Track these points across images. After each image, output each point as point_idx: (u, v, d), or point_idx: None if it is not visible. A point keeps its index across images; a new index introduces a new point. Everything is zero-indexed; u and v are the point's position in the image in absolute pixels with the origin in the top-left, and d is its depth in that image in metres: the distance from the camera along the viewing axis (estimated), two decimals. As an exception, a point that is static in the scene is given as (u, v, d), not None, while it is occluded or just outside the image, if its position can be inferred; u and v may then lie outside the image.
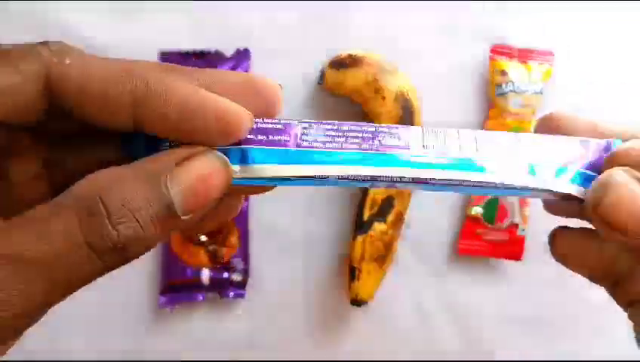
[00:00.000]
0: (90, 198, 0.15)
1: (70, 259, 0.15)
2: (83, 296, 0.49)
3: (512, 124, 0.47)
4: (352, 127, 0.21)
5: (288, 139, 0.20)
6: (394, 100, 0.44)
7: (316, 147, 0.20)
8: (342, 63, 0.45)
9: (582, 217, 0.22)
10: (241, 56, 0.47)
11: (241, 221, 0.47)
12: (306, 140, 0.20)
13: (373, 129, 0.21)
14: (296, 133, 0.20)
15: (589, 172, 0.20)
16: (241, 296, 0.47)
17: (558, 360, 0.49)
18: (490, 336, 0.49)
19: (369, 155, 0.20)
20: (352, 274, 0.45)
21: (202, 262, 0.47)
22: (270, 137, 0.20)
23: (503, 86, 0.47)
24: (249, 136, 0.19)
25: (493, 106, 0.48)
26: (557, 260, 0.22)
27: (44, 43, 0.17)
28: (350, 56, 0.45)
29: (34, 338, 0.47)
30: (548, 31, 0.49)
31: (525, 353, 0.49)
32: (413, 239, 0.48)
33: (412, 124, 0.45)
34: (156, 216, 0.16)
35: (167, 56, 0.45)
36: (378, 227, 0.45)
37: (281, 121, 0.20)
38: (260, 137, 0.19)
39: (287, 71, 0.47)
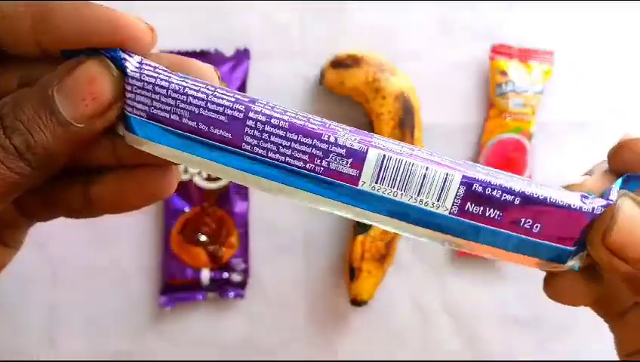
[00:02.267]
0: None
1: None
2: (83, 296, 0.49)
3: (512, 124, 0.47)
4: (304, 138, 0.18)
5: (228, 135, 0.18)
6: (394, 100, 0.44)
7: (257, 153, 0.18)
8: (342, 63, 0.45)
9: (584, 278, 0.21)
10: (241, 56, 0.47)
11: (241, 221, 0.47)
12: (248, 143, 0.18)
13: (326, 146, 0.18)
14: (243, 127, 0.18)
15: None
16: (241, 296, 0.47)
17: (557, 360, 0.49)
18: (490, 336, 0.49)
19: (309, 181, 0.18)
20: (352, 274, 0.45)
21: (202, 262, 0.47)
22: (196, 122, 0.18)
23: (503, 86, 0.47)
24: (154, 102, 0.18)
25: (493, 106, 0.48)
26: (555, 300, 0.22)
27: None
28: (350, 56, 0.45)
29: (34, 339, 0.47)
30: (548, 31, 0.49)
31: (525, 353, 0.49)
32: (413, 239, 0.48)
33: (412, 124, 0.45)
34: (44, 123, 0.17)
35: (167, 56, 0.45)
36: (378, 227, 0.45)
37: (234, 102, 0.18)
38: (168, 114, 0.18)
39: (287, 71, 0.47)
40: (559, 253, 0.18)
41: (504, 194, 0.17)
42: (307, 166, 0.18)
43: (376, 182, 0.18)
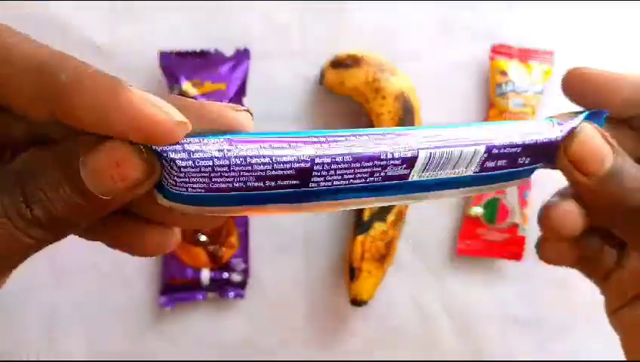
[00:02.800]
0: (11, 183, 0.17)
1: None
2: (83, 296, 0.49)
3: (512, 124, 0.47)
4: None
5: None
6: (394, 100, 0.44)
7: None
8: (342, 63, 0.45)
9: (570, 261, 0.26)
10: (241, 56, 0.47)
11: (241, 221, 0.47)
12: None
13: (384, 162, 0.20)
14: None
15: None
16: (241, 296, 0.47)
17: (557, 360, 0.49)
18: (490, 336, 0.49)
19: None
20: (352, 274, 0.45)
21: (202, 262, 0.47)
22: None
23: (503, 86, 0.47)
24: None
25: (493, 106, 0.48)
26: (545, 262, 0.26)
27: None
28: (350, 56, 0.45)
29: (34, 339, 0.47)
30: (548, 31, 0.49)
31: (525, 353, 0.49)
32: (413, 239, 0.48)
33: (412, 124, 0.45)
34: (67, 195, 0.17)
35: (167, 56, 0.45)
36: (378, 227, 0.45)
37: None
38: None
39: (287, 71, 0.47)
40: (534, 169, 0.23)
41: (510, 149, 0.22)
42: (367, 180, 0.20)
43: (423, 172, 0.21)
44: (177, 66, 0.45)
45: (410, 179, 0.21)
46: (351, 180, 0.20)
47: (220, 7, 0.47)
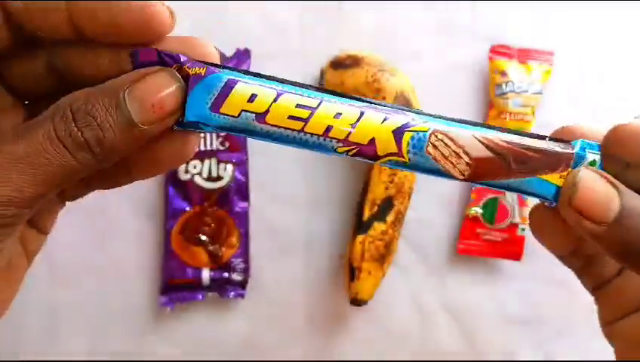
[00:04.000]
0: (63, 107, 0.19)
1: (49, 154, 0.19)
2: (83, 296, 0.49)
3: (512, 124, 0.47)
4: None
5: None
6: (394, 100, 0.44)
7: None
8: (342, 63, 0.45)
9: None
10: (241, 56, 0.47)
11: (241, 221, 0.47)
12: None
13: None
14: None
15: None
16: (241, 296, 0.47)
17: (557, 360, 0.49)
18: (490, 336, 0.49)
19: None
20: (352, 274, 0.45)
21: (202, 261, 0.47)
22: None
23: (503, 86, 0.47)
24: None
25: (493, 106, 0.48)
26: (535, 237, 0.25)
27: None
28: (350, 56, 0.45)
29: (34, 339, 0.47)
30: (548, 31, 0.49)
31: (524, 353, 0.49)
32: (413, 239, 0.48)
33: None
34: (114, 121, 0.19)
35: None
36: (378, 227, 0.45)
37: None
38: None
39: (287, 71, 0.47)
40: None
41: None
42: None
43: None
44: (177, 66, 0.45)
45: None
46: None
47: (220, 7, 0.47)
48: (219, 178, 0.47)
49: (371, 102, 0.22)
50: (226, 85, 0.21)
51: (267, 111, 0.21)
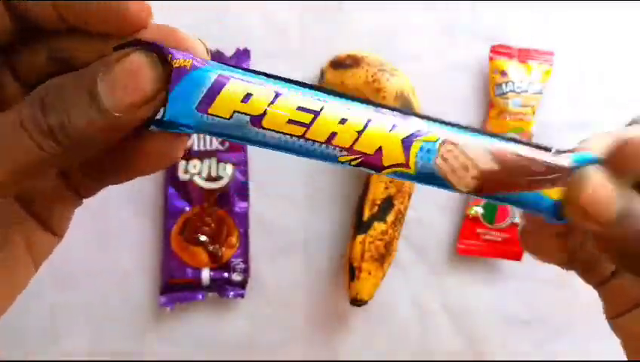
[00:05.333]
0: (38, 91, 0.18)
1: (12, 140, 0.18)
2: (83, 296, 0.49)
3: (512, 124, 0.47)
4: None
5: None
6: (394, 100, 0.44)
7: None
8: (342, 63, 0.45)
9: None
10: (241, 56, 0.47)
11: (241, 221, 0.47)
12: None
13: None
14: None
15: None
16: (241, 295, 0.47)
17: (557, 360, 0.49)
18: (490, 336, 0.49)
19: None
20: (352, 274, 0.45)
21: (202, 261, 0.47)
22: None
23: (503, 86, 0.47)
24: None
25: (493, 106, 0.48)
26: (530, 255, 0.24)
27: None
28: (350, 56, 0.45)
29: (35, 338, 0.47)
30: (548, 31, 0.49)
31: (524, 353, 0.49)
32: (413, 239, 0.48)
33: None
34: (82, 107, 0.18)
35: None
36: (378, 227, 0.45)
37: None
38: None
39: (287, 71, 0.47)
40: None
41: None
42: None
43: None
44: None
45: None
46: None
47: (220, 7, 0.47)
48: (219, 178, 0.47)
49: (377, 106, 0.20)
50: (216, 82, 0.18)
51: (264, 113, 0.18)
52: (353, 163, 0.19)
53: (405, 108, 0.44)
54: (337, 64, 0.45)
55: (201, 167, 0.47)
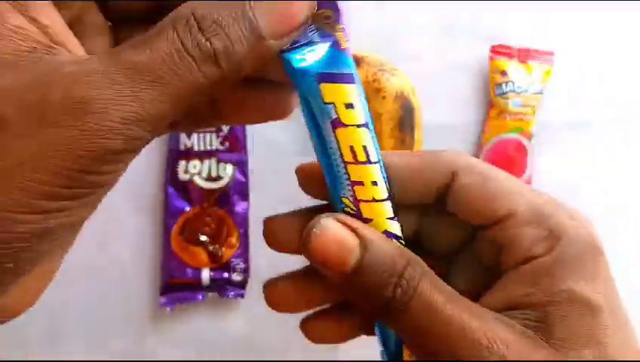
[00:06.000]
0: (185, 15, 0.17)
1: (174, 65, 0.16)
2: (83, 296, 0.49)
3: (512, 124, 0.47)
4: None
5: None
6: (394, 100, 0.44)
7: None
8: (342, 63, 0.45)
9: None
10: (241, 56, 0.47)
11: (241, 221, 0.47)
12: None
13: None
14: None
15: None
16: (241, 295, 0.47)
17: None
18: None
19: None
20: (352, 274, 0.45)
21: (202, 261, 0.47)
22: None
23: (503, 86, 0.47)
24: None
25: (493, 106, 0.48)
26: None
27: None
28: (350, 56, 0.45)
29: (34, 339, 0.47)
30: (548, 31, 0.49)
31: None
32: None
33: (412, 124, 0.45)
34: (243, 33, 0.17)
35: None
36: (378, 227, 0.45)
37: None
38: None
39: (287, 71, 0.47)
40: None
41: None
42: None
43: None
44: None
45: None
46: None
47: (220, 7, 0.47)
48: (219, 178, 0.47)
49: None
50: (347, 75, 0.20)
51: (344, 126, 0.19)
52: (345, 209, 0.20)
53: (405, 108, 0.45)
54: (337, 64, 0.45)
55: (201, 167, 0.47)
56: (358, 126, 0.19)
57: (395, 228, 0.20)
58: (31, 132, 0.15)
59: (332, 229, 0.20)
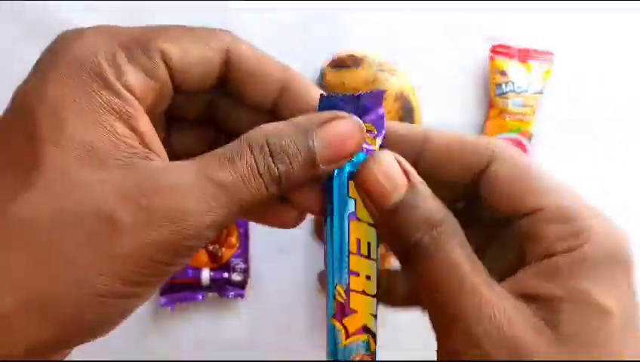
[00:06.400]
0: (260, 141, 0.20)
1: (250, 185, 0.19)
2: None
3: (512, 124, 0.47)
4: None
5: None
6: (394, 100, 0.44)
7: None
8: (342, 63, 0.45)
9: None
10: (241, 56, 0.47)
11: (241, 221, 0.47)
12: None
13: None
14: None
15: None
16: (241, 296, 0.47)
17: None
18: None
19: None
20: (352, 274, 0.45)
21: (202, 261, 0.47)
22: None
23: (503, 86, 0.47)
24: None
25: (493, 106, 0.48)
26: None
27: (222, 30, 0.23)
28: (350, 56, 0.45)
29: (34, 338, 0.47)
30: (548, 31, 0.49)
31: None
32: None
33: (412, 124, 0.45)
34: (303, 161, 0.20)
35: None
36: (378, 227, 0.45)
37: None
38: None
39: (287, 71, 0.47)
40: None
41: None
42: None
43: None
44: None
45: None
46: None
47: (220, 7, 0.47)
48: (219, 178, 0.47)
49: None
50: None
51: (359, 221, 0.22)
52: (337, 296, 0.23)
53: (405, 108, 0.45)
54: (337, 64, 0.45)
55: (201, 167, 0.47)
56: (370, 225, 0.22)
57: (374, 326, 0.24)
58: (139, 231, 0.18)
59: (386, 162, 0.21)
